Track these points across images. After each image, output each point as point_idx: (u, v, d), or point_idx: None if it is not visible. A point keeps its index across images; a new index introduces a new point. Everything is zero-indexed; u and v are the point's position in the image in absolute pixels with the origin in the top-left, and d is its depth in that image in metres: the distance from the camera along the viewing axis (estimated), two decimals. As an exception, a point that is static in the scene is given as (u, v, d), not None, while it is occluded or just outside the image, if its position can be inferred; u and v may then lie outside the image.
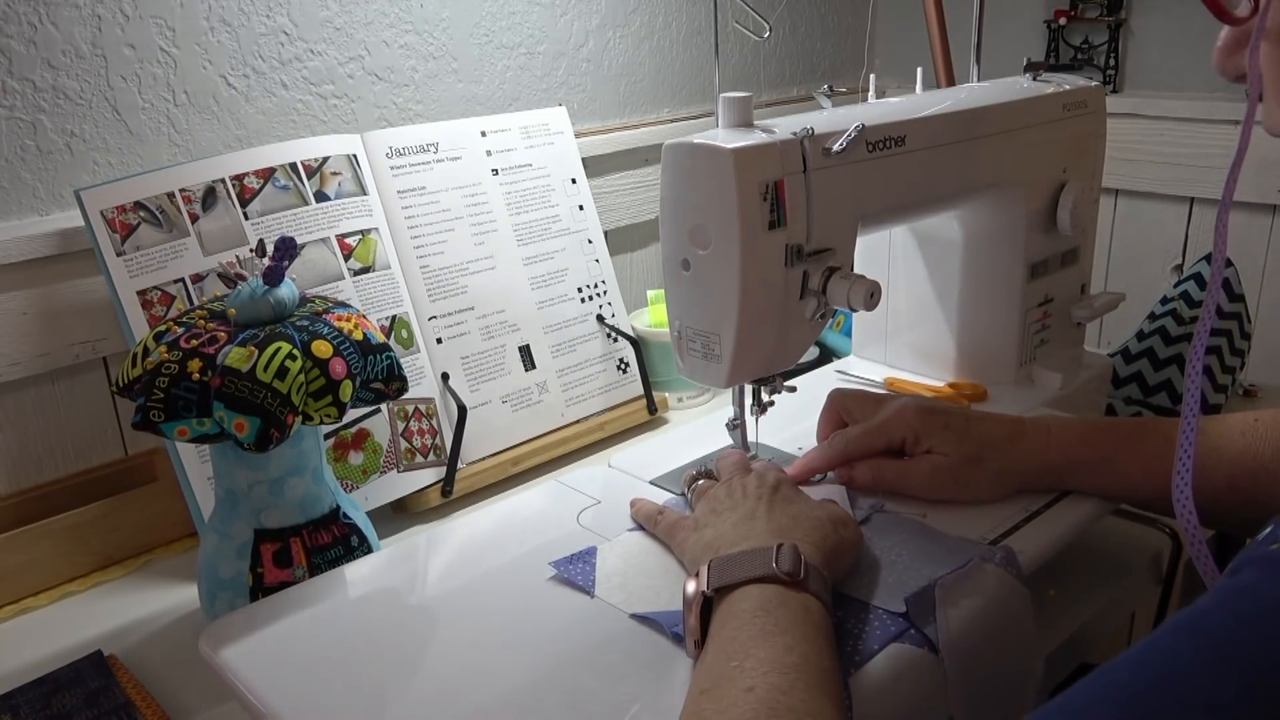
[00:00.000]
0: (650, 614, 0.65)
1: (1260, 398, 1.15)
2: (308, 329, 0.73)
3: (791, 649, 0.54)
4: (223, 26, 0.99)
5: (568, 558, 0.72)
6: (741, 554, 0.61)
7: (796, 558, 0.60)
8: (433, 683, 0.61)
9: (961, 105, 0.87)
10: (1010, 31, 1.54)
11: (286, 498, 0.75)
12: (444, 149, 1.05)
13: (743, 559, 0.61)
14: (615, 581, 0.69)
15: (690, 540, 0.69)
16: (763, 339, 0.75)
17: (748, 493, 0.71)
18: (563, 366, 1.09)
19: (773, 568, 0.59)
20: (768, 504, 0.68)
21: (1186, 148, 1.40)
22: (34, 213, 0.92)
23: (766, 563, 0.59)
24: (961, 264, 0.98)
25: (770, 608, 0.57)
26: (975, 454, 0.75)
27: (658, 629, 0.64)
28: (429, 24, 1.14)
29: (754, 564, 0.60)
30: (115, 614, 0.83)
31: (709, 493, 0.74)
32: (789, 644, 0.54)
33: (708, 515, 0.70)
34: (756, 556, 0.60)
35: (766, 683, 0.52)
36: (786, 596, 0.58)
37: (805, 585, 0.59)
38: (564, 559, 0.72)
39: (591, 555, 0.72)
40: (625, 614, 0.66)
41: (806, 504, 0.69)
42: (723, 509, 0.70)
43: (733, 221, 0.70)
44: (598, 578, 0.70)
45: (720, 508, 0.70)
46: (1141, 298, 1.37)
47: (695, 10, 1.41)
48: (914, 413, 0.77)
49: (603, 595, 0.68)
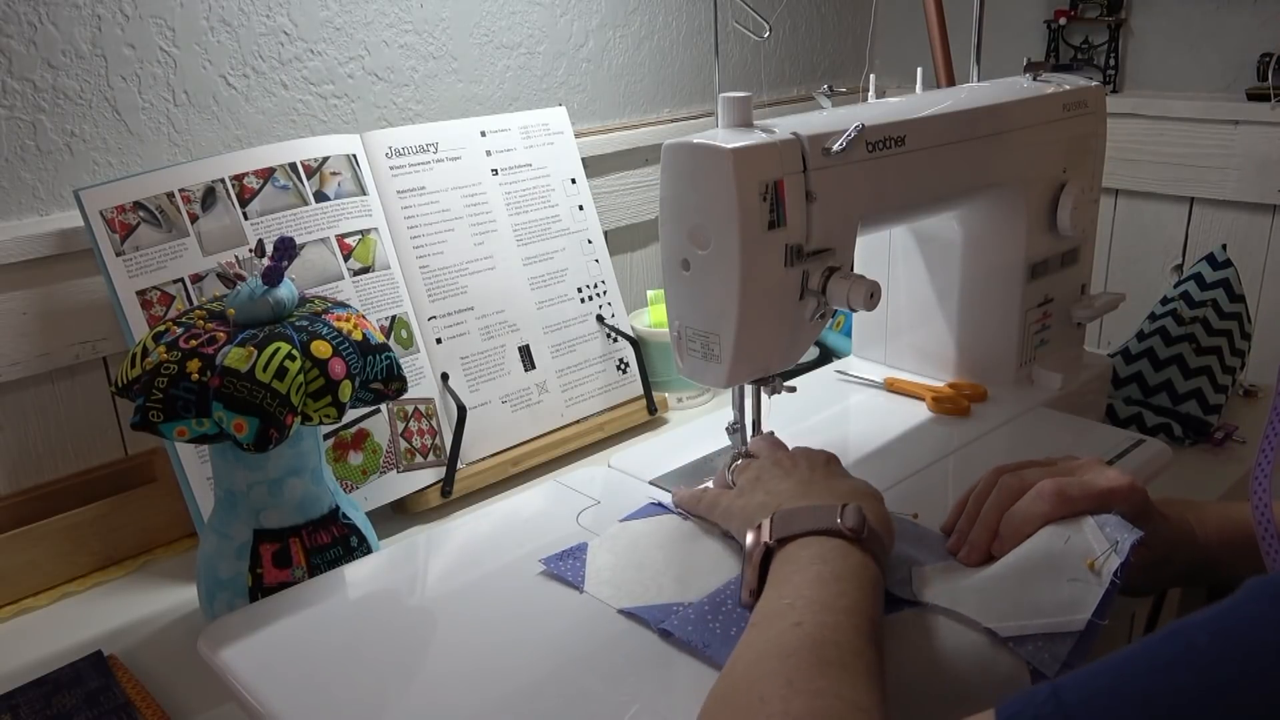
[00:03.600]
0: (636, 609, 0.66)
1: (1260, 398, 1.15)
2: (307, 329, 0.73)
3: (844, 594, 0.55)
4: (223, 26, 0.99)
5: (558, 554, 0.72)
6: (805, 509, 0.62)
7: (861, 517, 0.60)
8: (432, 683, 0.61)
9: (961, 105, 0.87)
10: (1010, 31, 1.54)
11: (286, 498, 0.75)
12: (444, 149, 1.05)
13: (806, 513, 0.62)
14: (604, 576, 0.70)
15: (738, 504, 0.70)
16: (762, 339, 0.75)
17: (798, 464, 0.71)
18: (562, 367, 1.09)
19: (837, 523, 0.60)
20: (824, 474, 0.69)
21: (1186, 148, 1.40)
22: (34, 213, 0.92)
23: (831, 518, 0.60)
24: (961, 264, 0.98)
25: (829, 557, 0.58)
26: (1170, 552, 0.69)
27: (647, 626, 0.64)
28: (429, 24, 1.14)
29: (818, 518, 0.61)
30: (115, 614, 0.83)
31: (752, 465, 0.74)
32: (842, 589, 0.55)
33: (753, 483, 0.71)
34: (821, 512, 0.61)
35: (816, 620, 0.52)
36: (846, 550, 0.59)
37: (867, 544, 0.60)
38: (554, 555, 0.72)
39: (582, 552, 0.73)
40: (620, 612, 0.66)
41: (861, 481, 0.69)
42: (772, 475, 0.71)
43: (732, 221, 0.70)
44: (587, 573, 0.70)
45: (768, 474, 0.71)
46: (1141, 298, 1.37)
47: (695, 10, 1.41)
48: (1143, 494, 0.68)
49: (591, 590, 0.68)
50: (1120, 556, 0.60)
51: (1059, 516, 0.65)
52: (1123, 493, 0.66)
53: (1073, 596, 0.59)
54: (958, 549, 0.69)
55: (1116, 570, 0.59)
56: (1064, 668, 0.57)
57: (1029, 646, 0.58)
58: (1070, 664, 0.57)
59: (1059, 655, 0.57)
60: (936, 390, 0.98)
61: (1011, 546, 0.65)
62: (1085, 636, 0.57)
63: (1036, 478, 0.68)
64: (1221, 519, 0.72)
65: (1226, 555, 0.70)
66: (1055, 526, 0.64)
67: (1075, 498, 0.66)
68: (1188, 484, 0.95)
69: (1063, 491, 0.66)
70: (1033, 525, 0.65)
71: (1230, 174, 1.36)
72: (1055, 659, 0.57)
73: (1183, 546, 0.70)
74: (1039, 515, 0.66)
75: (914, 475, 0.83)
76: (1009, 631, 0.59)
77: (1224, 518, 0.72)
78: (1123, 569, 0.59)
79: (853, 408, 0.99)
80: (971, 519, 0.69)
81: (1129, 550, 0.60)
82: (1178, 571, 0.71)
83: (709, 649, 0.61)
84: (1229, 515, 0.72)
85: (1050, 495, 0.66)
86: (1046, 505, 0.66)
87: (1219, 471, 0.98)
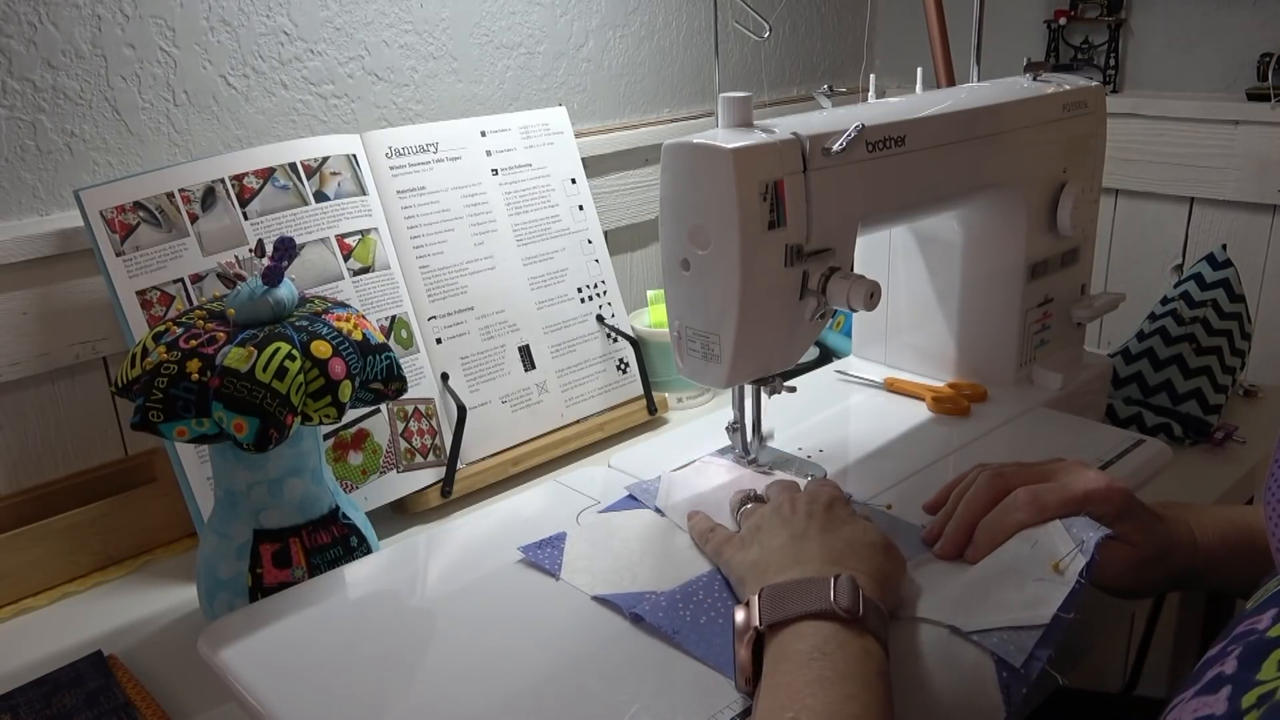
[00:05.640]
0: (611, 596, 0.67)
1: (1260, 398, 1.15)
2: (307, 329, 0.73)
3: (852, 698, 0.50)
4: (223, 26, 0.99)
5: (536, 543, 0.73)
6: (795, 584, 0.57)
7: (855, 592, 0.55)
8: (432, 683, 0.61)
9: (961, 105, 0.87)
10: (1010, 31, 1.54)
11: (285, 498, 0.75)
12: (444, 149, 1.05)
13: (797, 590, 0.56)
14: (581, 565, 0.71)
15: (736, 559, 0.66)
16: (762, 339, 0.75)
17: (797, 510, 0.67)
18: (562, 367, 1.09)
19: (830, 603, 0.54)
20: (820, 523, 0.65)
21: (1186, 148, 1.40)
22: (34, 213, 0.92)
23: (824, 596, 0.55)
24: (961, 264, 0.98)
25: (828, 650, 0.53)
26: (1160, 552, 0.68)
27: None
28: (429, 24, 1.14)
29: (810, 597, 0.55)
30: (115, 614, 0.83)
31: (757, 512, 0.70)
32: (849, 693, 0.50)
33: (753, 533, 0.67)
34: (812, 588, 0.56)
35: None
36: (845, 638, 0.54)
37: (865, 624, 0.54)
38: (532, 544, 0.73)
39: (560, 540, 0.74)
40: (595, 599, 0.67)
41: (860, 527, 0.65)
42: (770, 526, 0.67)
43: (732, 221, 0.70)
44: (564, 561, 0.71)
45: (767, 524, 0.67)
46: (1141, 298, 1.37)
47: (695, 10, 1.41)
48: (1122, 494, 0.67)
49: (567, 578, 0.70)
50: (1085, 556, 0.60)
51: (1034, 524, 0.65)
52: (1100, 494, 0.66)
53: (1038, 595, 0.60)
54: (933, 539, 0.69)
55: (1083, 570, 0.60)
56: (1030, 659, 0.57)
57: (994, 638, 0.58)
58: (1036, 655, 0.57)
59: (1024, 646, 0.57)
60: (936, 390, 0.98)
61: (985, 554, 0.65)
62: (1051, 629, 0.58)
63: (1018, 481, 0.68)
64: (1224, 523, 0.71)
65: (1229, 559, 0.69)
66: (1025, 532, 0.65)
67: (1050, 504, 0.65)
68: (1188, 484, 0.95)
69: (1037, 499, 0.66)
70: (1006, 534, 0.66)
71: (1230, 174, 1.36)
72: (1021, 650, 0.57)
73: (1178, 548, 0.69)
74: (1014, 525, 0.66)
75: (914, 475, 0.83)
76: (973, 626, 0.59)
77: (1226, 521, 0.71)
78: (1089, 568, 0.60)
79: (853, 408, 0.99)
80: (949, 515, 0.70)
81: (1094, 548, 0.61)
82: (1175, 574, 0.70)
83: (678, 635, 0.62)
84: (1231, 519, 0.72)
85: (1025, 505, 0.66)
86: (1022, 515, 0.66)
87: (1219, 471, 0.98)
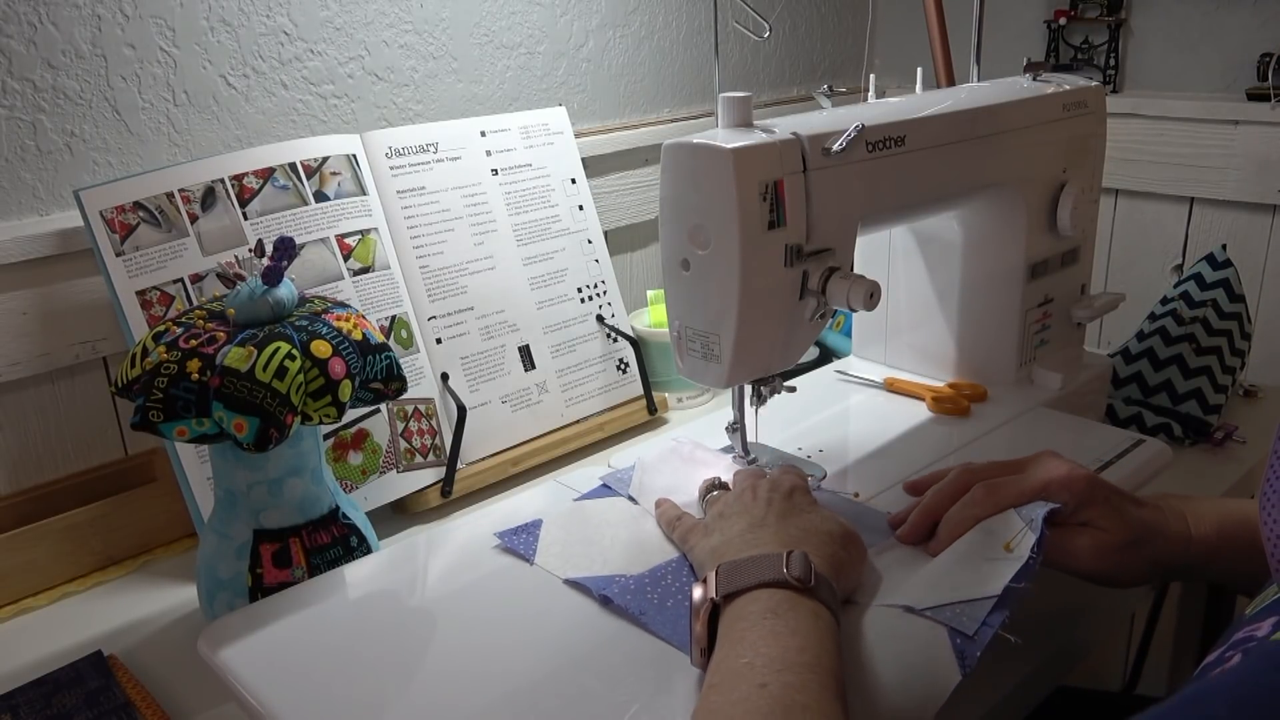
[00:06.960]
0: (581, 578, 0.68)
1: (1260, 398, 1.15)
2: (307, 329, 0.73)
3: (804, 649, 0.53)
4: (223, 26, 0.99)
5: (512, 529, 0.75)
6: (750, 559, 0.59)
7: (807, 565, 0.58)
8: (432, 684, 0.61)
9: (961, 105, 0.87)
10: (1010, 31, 1.54)
11: (285, 498, 0.75)
12: (444, 149, 1.05)
13: (751, 564, 0.59)
14: (555, 550, 0.72)
15: (699, 545, 0.68)
16: (762, 339, 0.75)
17: (758, 498, 0.69)
18: (562, 367, 1.09)
19: (783, 573, 0.57)
20: (779, 512, 0.67)
21: (1186, 148, 1.40)
22: (34, 213, 0.92)
23: (776, 568, 0.58)
24: (961, 264, 0.98)
25: (780, 610, 0.55)
26: (1135, 537, 0.67)
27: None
28: (429, 24, 1.14)
29: (763, 569, 0.58)
30: (115, 614, 0.83)
31: (722, 499, 0.73)
32: (801, 644, 0.53)
33: (716, 520, 0.69)
34: (765, 562, 0.59)
35: (780, 680, 0.50)
36: (796, 600, 0.56)
37: (815, 593, 0.57)
38: (509, 530, 0.74)
39: (536, 527, 0.75)
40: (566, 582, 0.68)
41: (819, 516, 0.67)
42: (732, 513, 0.69)
43: (732, 221, 0.70)
44: (539, 547, 0.73)
45: (729, 511, 0.69)
46: (1141, 298, 1.37)
47: (695, 10, 1.41)
48: (1084, 480, 0.67)
49: (541, 563, 0.71)
50: (1035, 532, 0.62)
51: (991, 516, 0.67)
52: (1060, 482, 0.67)
53: (990, 572, 0.61)
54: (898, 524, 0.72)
55: (1034, 545, 0.61)
56: (983, 626, 0.58)
57: (947, 612, 0.59)
58: (989, 622, 0.58)
59: (977, 616, 0.58)
60: (936, 390, 0.98)
61: (946, 547, 0.67)
62: (1003, 599, 0.59)
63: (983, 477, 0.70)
64: (1221, 514, 0.72)
65: (1225, 549, 0.70)
66: (982, 524, 0.66)
67: (1007, 496, 0.67)
68: (1188, 484, 0.95)
69: (993, 493, 0.68)
70: (965, 527, 0.67)
71: (1230, 174, 1.36)
72: (974, 620, 0.58)
73: (1161, 536, 0.69)
74: (971, 519, 0.67)
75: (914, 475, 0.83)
76: (926, 604, 0.61)
77: (1223, 512, 0.72)
78: (1039, 543, 0.61)
79: (853, 408, 0.99)
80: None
81: (1042, 523, 0.62)
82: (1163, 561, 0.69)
83: (644, 616, 0.64)
84: (1228, 510, 0.72)
85: (981, 500, 0.68)
86: (978, 509, 0.67)
87: (1219, 471, 0.98)
